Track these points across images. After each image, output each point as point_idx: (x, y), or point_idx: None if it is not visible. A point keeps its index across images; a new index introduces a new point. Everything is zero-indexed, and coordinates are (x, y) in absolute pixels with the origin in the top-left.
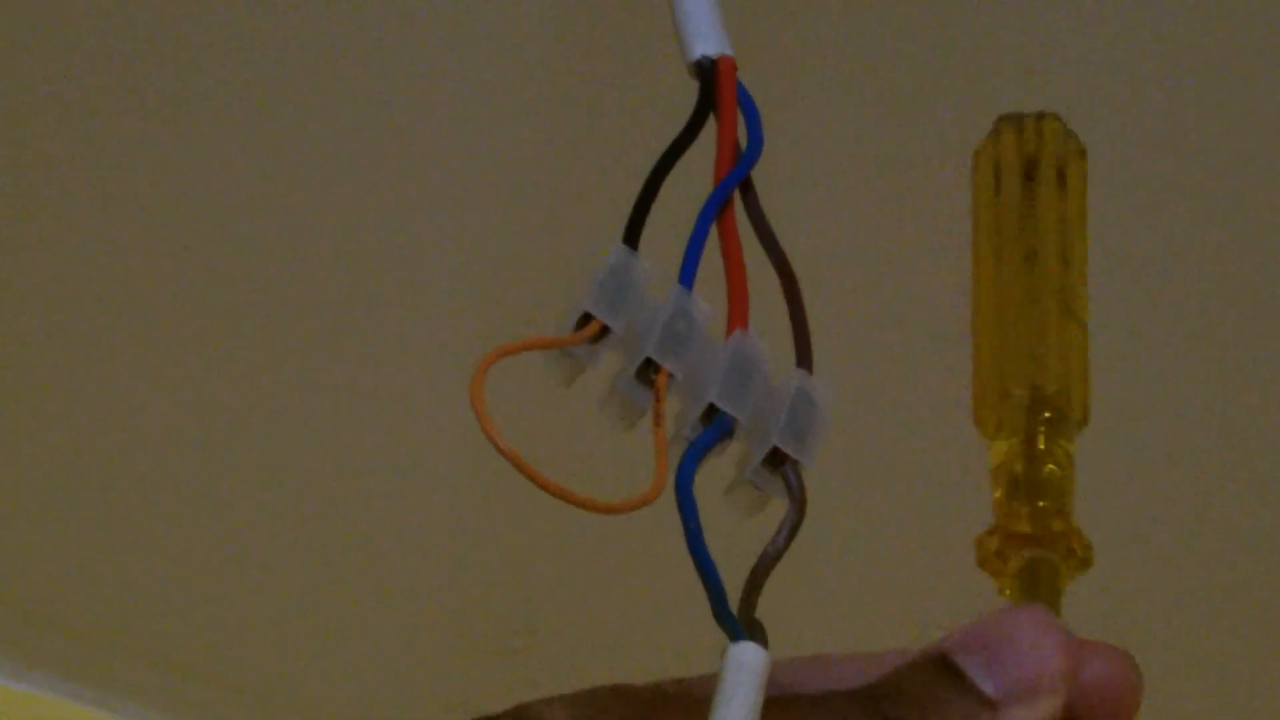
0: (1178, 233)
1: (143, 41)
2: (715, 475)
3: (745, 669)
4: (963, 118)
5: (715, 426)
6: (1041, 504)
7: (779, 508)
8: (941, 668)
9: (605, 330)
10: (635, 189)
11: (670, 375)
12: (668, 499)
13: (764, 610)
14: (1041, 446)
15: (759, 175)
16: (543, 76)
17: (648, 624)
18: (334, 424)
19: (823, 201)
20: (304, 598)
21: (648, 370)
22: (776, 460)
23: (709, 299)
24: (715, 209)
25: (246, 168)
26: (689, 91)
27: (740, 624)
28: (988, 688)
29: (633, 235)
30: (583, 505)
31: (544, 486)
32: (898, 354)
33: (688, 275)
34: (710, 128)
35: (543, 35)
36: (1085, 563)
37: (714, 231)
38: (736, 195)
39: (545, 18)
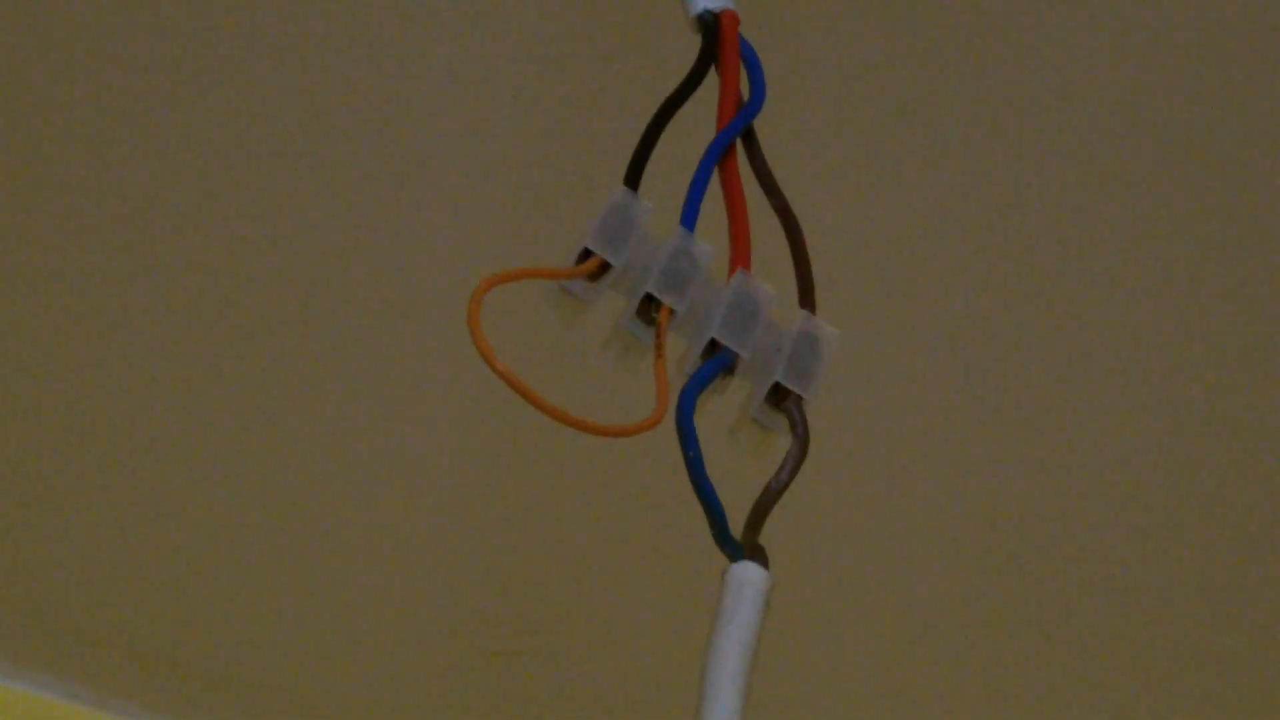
0: (1176, 231)
1: (142, 39)
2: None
3: (747, 587)
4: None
5: (716, 360)
6: None
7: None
8: None
9: (606, 267)
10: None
11: (672, 312)
12: (677, 498)
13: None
14: None
15: (762, 127)
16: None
17: (649, 625)
18: (334, 423)
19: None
20: (304, 598)
21: (649, 308)
22: (779, 396)
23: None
24: (718, 154)
25: (247, 162)
26: (692, 51)
27: (742, 546)
28: None
29: (634, 177)
30: (580, 427)
31: (541, 408)
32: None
33: (689, 217)
34: (714, 84)
35: None
36: None
37: (717, 182)
38: (740, 146)
39: None
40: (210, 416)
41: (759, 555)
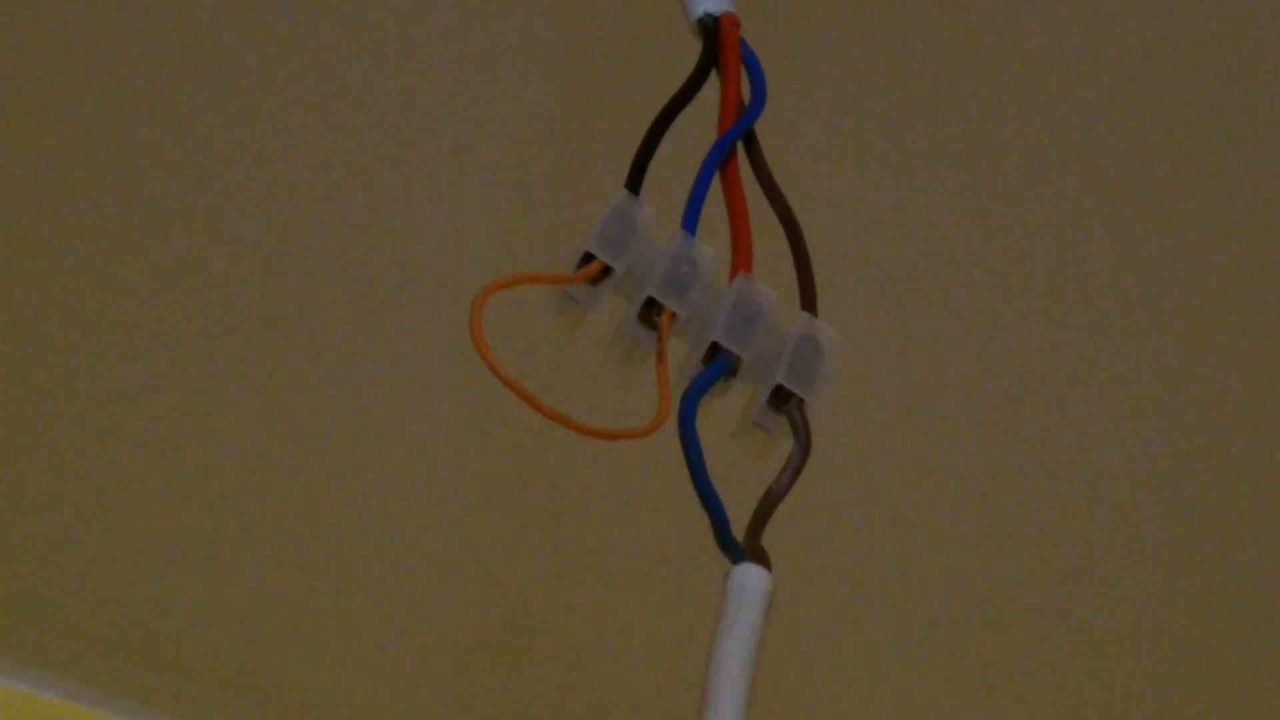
0: (1179, 231)
1: (144, 38)
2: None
3: (749, 589)
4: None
5: (718, 363)
6: None
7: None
8: None
9: (607, 271)
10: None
11: (673, 316)
12: (678, 498)
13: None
14: None
15: (763, 131)
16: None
17: (648, 625)
18: (334, 423)
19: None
20: (304, 598)
21: (651, 312)
22: (781, 399)
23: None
24: (718, 158)
25: (248, 158)
26: (693, 55)
27: (744, 549)
28: None
29: (635, 180)
30: (582, 431)
31: (543, 412)
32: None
33: (690, 221)
34: (715, 87)
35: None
36: None
37: (718, 186)
38: (741, 149)
39: None
40: (211, 416)
41: (761, 558)
